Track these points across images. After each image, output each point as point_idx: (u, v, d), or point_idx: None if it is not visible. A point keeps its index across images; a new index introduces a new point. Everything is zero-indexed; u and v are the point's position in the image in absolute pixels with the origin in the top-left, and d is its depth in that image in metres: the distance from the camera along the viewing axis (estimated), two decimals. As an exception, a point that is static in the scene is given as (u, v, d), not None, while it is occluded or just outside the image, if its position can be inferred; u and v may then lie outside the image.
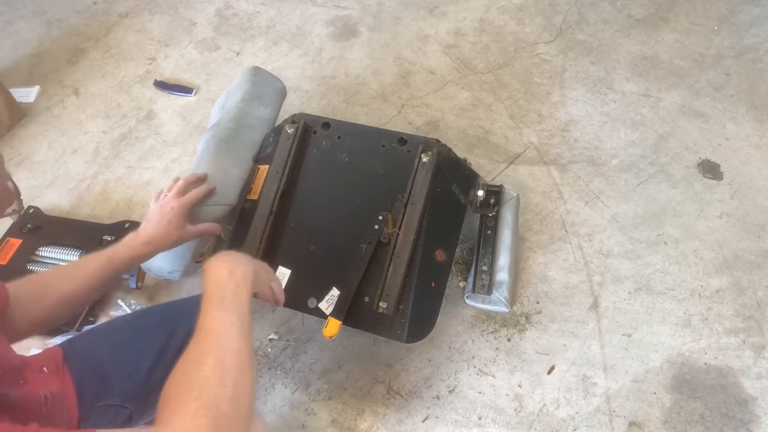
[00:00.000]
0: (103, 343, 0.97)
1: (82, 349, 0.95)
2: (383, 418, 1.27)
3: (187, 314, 0.95)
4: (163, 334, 0.98)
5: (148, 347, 0.96)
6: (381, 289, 1.18)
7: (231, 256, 0.79)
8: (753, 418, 1.21)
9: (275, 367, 1.37)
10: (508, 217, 1.42)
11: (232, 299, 0.72)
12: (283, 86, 1.54)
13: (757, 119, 1.71)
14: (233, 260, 0.78)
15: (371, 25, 2.15)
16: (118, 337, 0.98)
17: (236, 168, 1.33)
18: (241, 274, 0.76)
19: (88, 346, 0.97)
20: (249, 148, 1.38)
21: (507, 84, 1.90)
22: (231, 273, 0.75)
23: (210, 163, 1.30)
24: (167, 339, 0.97)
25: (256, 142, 1.40)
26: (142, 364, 0.94)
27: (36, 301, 0.86)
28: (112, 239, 1.56)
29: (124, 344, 0.97)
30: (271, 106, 1.46)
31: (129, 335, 0.99)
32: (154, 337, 0.98)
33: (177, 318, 1.01)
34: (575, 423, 1.23)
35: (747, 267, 1.42)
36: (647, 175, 1.62)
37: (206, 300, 0.72)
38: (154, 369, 0.94)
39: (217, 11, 2.31)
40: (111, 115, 1.99)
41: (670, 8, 2.06)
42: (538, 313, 1.39)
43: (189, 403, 0.57)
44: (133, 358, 0.95)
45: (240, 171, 1.34)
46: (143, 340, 0.98)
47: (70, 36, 2.30)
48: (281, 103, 1.53)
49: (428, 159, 1.26)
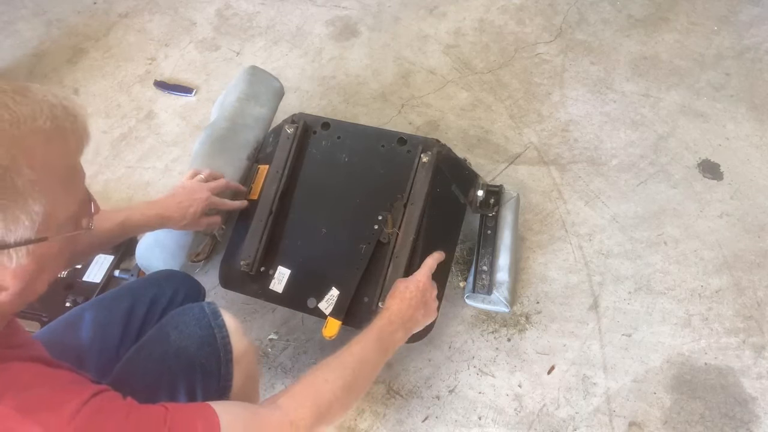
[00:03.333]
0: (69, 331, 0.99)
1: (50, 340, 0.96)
2: (383, 418, 1.27)
3: (143, 290, 1.04)
4: (123, 311, 1.00)
5: (111, 326, 0.99)
6: (381, 289, 1.18)
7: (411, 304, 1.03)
8: (753, 418, 1.21)
9: (275, 367, 1.37)
10: (508, 217, 1.42)
11: (389, 342, 0.96)
12: (281, 86, 1.53)
13: (757, 119, 1.71)
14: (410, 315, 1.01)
15: (371, 25, 2.15)
16: (80, 323, 0.99)
17: (229, 167, 1.33)
18: (410, 327, 1.02)
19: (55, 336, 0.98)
20: (243, 147, 1.38)
21: (507, 84, 1.90)
22: (404, 326, 1.00)
23: (204, 162, 1.30)
24: (127, 316, 1.00)
25: (251, 142, 1.40)
26: (109, 342, 0.97)
27: None
28: (112, 239, 1.56)
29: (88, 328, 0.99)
30: (267, 106, 1.46)
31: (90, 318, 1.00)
32: (115, 316, 1.00)
33: (133, 294, 1.03)
34: (575, 423, 1.23)
35: (747, 267, 1.42)
36: (647, 175, 1.62)
37: (371, 330, 0.95)
38: (120, 346, 0.97)
39: (217, 11, 2.31)
40: (111, 115, 1.99)
41: (670, 8, 2.06)
42: (538, 313, 1.39)
43: (306, 397, 0.78)
44: (99, 338, 0.97)
45: (233, 170, 1.33)
46: (105, 320, 0.99)
47: (70, 36, 2.30)
48: (278, 103, 1.52)
49: (428, 159, 1.26)
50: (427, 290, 1.07)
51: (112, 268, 1.51)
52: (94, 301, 1.09)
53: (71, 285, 1.48)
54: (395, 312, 1.01)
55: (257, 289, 1.27)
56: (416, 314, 1.03)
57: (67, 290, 1.47)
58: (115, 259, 1.52)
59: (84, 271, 1.50)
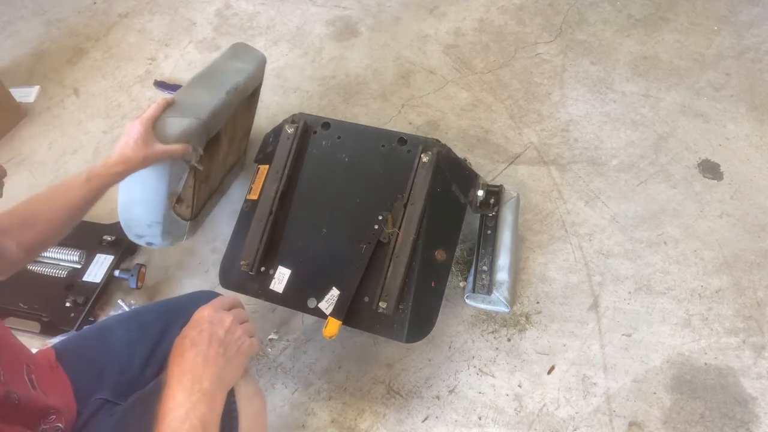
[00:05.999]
0: (95, 342, 0.98)
1: (75, 348, 0.95)
2: (383, 418, 1.27)
3: (181, 311, 0.96)
4: (156, 332, 0.98)
5: (141, 345, 0.96)
6: (381, 289, 1.18)
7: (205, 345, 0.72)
8: (753, 418, 1.21)
9: (275, 367, 1.37)
10: (508, 217, 1.42)
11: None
12: (262, 54, 1.50)
13: (757, 119, 1.71)
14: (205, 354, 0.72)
15: (371, 25, 2.15)
16: (110, 336, 0.98)
17: (206, 93, 1.29)
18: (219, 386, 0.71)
19: (81, 344, 0.97)
20: (223, 84, 1.33)
21: (507, 84, 1.90)
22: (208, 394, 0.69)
23: (183, 91, 1.28)
24: (159, 337, 0.97)
25: (231, 82, 1.34)
26: (134, 362, 0.95)
27: (27, 227, 0.88)
28: (112, 239, 1.56)
29: (116, 342, 0.97)
30: (249, 63, 1.43)
31: (121, 333, 0.99)
32: (147, 335, 0.98)
33: (170, 315, 1.00)
34: (575, 423, 1.23)
35: (747, 267, 1.42)
36: (647, 175, 1.62)
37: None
38: (146, 367, 0.95)
39: (217, 11, 2.31)
40: (111, 115, 1.99)
41: (670, 8, 2.06)
42: (538, 313, 1.39)
43: None
44: (126, 356, 0.95)
45: (209, 96, 1.28)
46: (136, 338, 0.97)
47: (70, 36, 2.30)
48: (261, 68, 1.48)
49: (428, 159, 1.26)
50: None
51: (112, 268, 1.51)
52: (132, 313, 1.07)
53: (71, 285, 1.48)
54: (181, 386, 0.69)
55: (257, 289, 1.27)
56: (220, 369, 0.71)
57: (68, 290, 1.47)
58: (115, 259, 1.52)
59: (84, 271, 1.50)
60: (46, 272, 1.51)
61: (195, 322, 0.75)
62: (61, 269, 1.51)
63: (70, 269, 1.52)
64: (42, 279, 1.50)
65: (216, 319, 0.75)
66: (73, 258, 1.53)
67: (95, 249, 1.55)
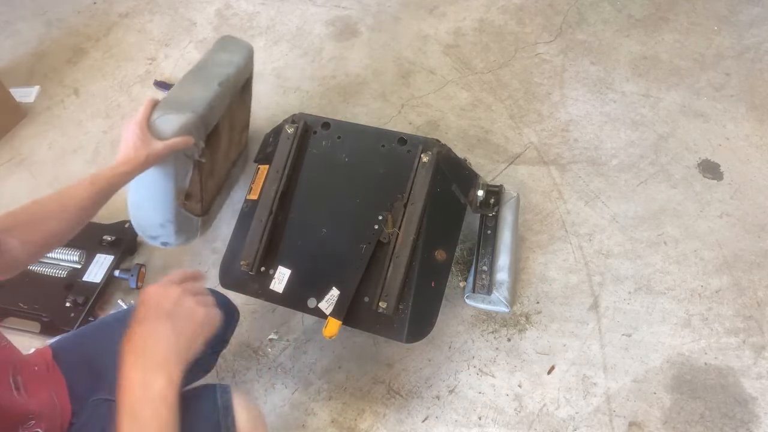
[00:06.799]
0: (93, 340, 0.97)
1: (72, 347, 0.95)
2: (383, 418, 1.27)
3: None
4: None
5: None
6: (381, 289, 1.18)
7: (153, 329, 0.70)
8: (753, 418, 1.21)
9: (275, 367, 1.37)
10: (508, 217, 1.42)
11: (145, 402, 0.65)
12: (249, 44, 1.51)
13: (757, 119, 1.71)
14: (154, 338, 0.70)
15: (371, 25, 2.15)
16: (108, 333, 0.97)
17: (199, 87, 1.30)
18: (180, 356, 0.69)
19: (79, 342, 0.97)
20: (215, 76, 1.35)
21: (507, 84, 1.90)
22: (163, 365, 0.67)
23: (177, 88, 1.29)
24: None
25: (223, 74, 1.37)
26: None
27: (32, 227, 0.87)
28: (113, 239, 1.56)
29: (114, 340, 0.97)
30: (238, 54, 1.45)
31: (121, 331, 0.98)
32: None
33: None
34: (575, 423, 1.23)
35: (747, 267, 1.42)
36: (647, 175, 1.62)
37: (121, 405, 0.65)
38: None
39: (217, 11, 2.31)
40: (111, 115, 1.99)
41: (670, 8, 2.06)
42: (538, 313, 1.39)
43: None
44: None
45: (203, 90, 1.30)
46: None
47: (70, 36, 2.30)
48: (250, 57, 1.49)
49: (428, 159, 1.26)
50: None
51: (112, 268, 1.51)
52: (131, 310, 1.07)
53: (71, 285, 1.48)
54: (136, 352, 0.70)
55: (257, 289, 1.27)
56: (170, 344, 0.70)
57: (68, 290, 1.47)
58: (115, 259, 1.53)
59: (84, 271, 1.50)
60: (46, 272, 1.52)
61: (141, 301, 0.74)
62: (61, 269, 1.51)
63: (70, 269, 1.52)
64: (42, 279, 1.50)
65: (161, 293, 0.74)
66: (73, 258, 1.53)
67: (95, 249, 1.55)
